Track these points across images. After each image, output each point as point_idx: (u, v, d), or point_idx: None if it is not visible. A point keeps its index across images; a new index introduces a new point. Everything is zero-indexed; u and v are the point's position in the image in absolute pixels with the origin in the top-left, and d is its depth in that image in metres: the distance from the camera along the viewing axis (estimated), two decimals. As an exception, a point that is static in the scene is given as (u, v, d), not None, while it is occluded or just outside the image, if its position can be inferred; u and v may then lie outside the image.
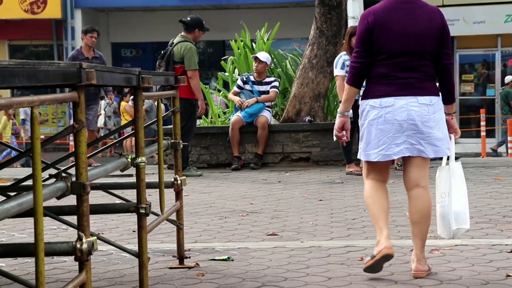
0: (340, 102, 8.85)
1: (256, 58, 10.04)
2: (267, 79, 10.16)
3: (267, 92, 10.08)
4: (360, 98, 4.35)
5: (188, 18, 9.41)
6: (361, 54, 4.18)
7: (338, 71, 9.02)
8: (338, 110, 4.42)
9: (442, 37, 4.11)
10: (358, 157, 4.44)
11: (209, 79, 23.06)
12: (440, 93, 4.16)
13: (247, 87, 10.18)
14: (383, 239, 4.05)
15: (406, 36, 4.06)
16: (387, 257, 4.01)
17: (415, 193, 4.28)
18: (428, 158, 4.23)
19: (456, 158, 11.04)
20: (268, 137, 9.98)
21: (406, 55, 4.08)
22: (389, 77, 4.13)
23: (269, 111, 10.20)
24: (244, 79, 10.21)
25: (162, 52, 9.36)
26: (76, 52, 11.28)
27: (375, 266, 4.04)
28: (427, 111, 4.08)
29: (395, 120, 4.13)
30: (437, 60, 4.12)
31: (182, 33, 9.40)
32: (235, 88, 10.34)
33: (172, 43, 9.32)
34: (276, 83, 10.20)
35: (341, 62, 8.97)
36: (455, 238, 4.39)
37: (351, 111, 8.88)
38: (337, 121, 4.38)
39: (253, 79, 10.16)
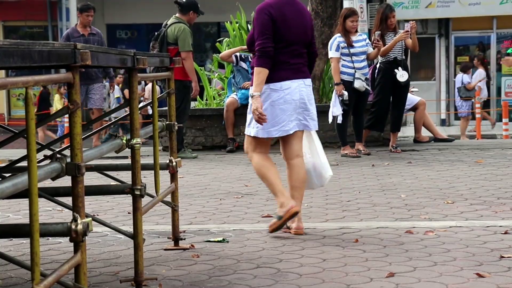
0: (336, 84, 8.94)
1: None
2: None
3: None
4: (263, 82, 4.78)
5: (184, 0, 9.37)
6: (270, 39, 4.77)
7: (333, 53, 8.99)
8: (252, 92, 4.75)
9: (312, 29, 5.03)
10: (250, 134, 4.89)
11: (204, 61, 22.98)
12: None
13: (244, 65, 10.10)
14: (286, 200, 4.69)
15: (299, 27, 4.87)
16: (295, 215, 4.66)
17: (296, 162, 4.91)
18: (309, 131, 4.99)
19: (451, 140, 11.02)
20: None
21: (298, 44, 4.86)
22: (286, 63, 4.82)
23: None
24: (243, 57, 10.13)
25: (156, 33, 9.33)
26: (71, 30, 10.95)
27: (281, 226, 4.71)
28: (310, 91, 4.97)
29: (292, 100, 4.83)
30: (309, 48, 4.98)
31: (177, 15, 9.36)
32: (233, 59, 10.21)
33: (166, 24, 9.29)
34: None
35: (336, 44, 8.95)
36: (324, 185, 5.21)
37: (346, 93, 8.96)
38: (256, 103, 4.70)
39: (251, 60, 10.13)
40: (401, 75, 9.21)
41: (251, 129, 4.89)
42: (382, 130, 9.70)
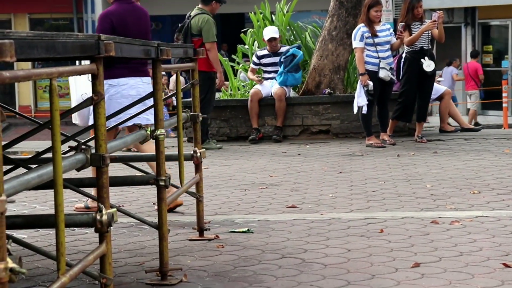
0: (360, 74, 8.91)
1: (272, 39, 10.00)
2: (282, 49, 10.12)
3: (284, 62, 10.02)
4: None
5: None
6: None
7: (357, 43, 8.95)
8: None
9: (150, 33, 5.81)
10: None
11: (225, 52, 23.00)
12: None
13: (265, 60, 10.15)
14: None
15: (138, 33, 5.47)
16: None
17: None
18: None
19: (478, 130, 10.97)
20: (286, 109, 9.96)
21: None
22: (124, 63, 5.47)
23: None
24: (259, 54, 10.19)
25: (179, 25, 9.34)
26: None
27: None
28: (148, 88, 5.50)
29: (129, 95, 5.43)
30: None
31: (200, 6, 9.37)
32: (252, 66, 10.35)
33: (190, 15, 9.30)
34: (295, 50, 10.16)
35: (360, 34, 8.91)
36: None
37: (371, 83, 8.91)
38: None
39: (267, 52, 10.13)
40: (428, 65, 9.14)
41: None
42: (410, 121, 9.64)
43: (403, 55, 9.69)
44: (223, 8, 9.77)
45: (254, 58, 10.27)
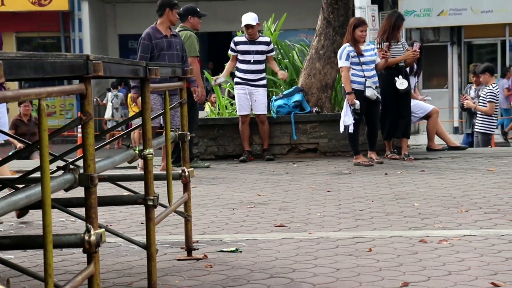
0: (347, 93, 8.94)
1: (248, 26, 9.83)
2: (261, 39, 9.96)
3: (263, 52, 9.92)
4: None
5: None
6: None
7: (343, 63, 9.00)
8: None
9: None
10: None
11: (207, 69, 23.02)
12: None
13: (241, 47, 9.96)
14: None
15: None
16: None
17: None
18: None
19: (464, 148, 10.99)
20: (269, 130, 9.92)
21: None
22: None
23: (266, 89, 10.05)
24: (235, 40, 10.05)
25: None
26: (151, 30, 8.92)
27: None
28: None
29: None
30: None
31: (181, 24, 9.46)
32: (231, 53, 10.14)
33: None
34: (272, 46, 10.09)
35: (346, 53, 8.96)
36: None
37: (358, 102, 8.94)
38: None
39: (245, 39, 9.97)
40: (401, 83, 9.25)
41: None
42: (397, 136, 9.72)
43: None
44: (210, 26, 9.84)
45: (232, 45, 10.11)
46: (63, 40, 24.01)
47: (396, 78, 9.23)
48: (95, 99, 21.41)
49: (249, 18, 9.84)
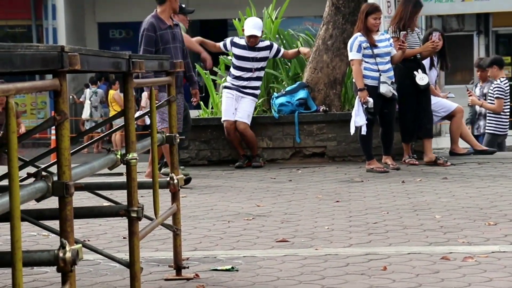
0: (359, 90, 8.95)
1: (252, 37, 9.87)
2: (261, 44, 9.99)
3: (264, 59, 9.96)
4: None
5: None
6: None
7: (354, 55, 9.01)
8: None
9: None
10: None
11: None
12: None
13: (238, 51, 9.97)
14: None
15: None
16: None
17: None
18: None
19: (493, 152, 11.05)
20: (253, 137, 9.88)
21: None
22: None
23: (254, 100, 10.04)
24: (234, 41, 10.05)
25: None
26: (154, 19, 8.63)
27: None
28: None
29: None
30: None
31: None
32: (220, 46, 10.18)
33: None
34: (276, 47, 10.10)
35: (357, 44, 8.97)
36: None
37: (372, 100, 8.97)
38: None
39: (244, 44, 9.97)
40: (421, 78, 9.27)
41: None
42: (415, 140, 9.74)
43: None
44: (203, 14, 9.85)
45: (228, 43, 10.11)
46: (35, 29, 24.04)
47: (415, 72, 9.25)
48: (71, 97, 21.44)
49: (254, 27, 9.88)
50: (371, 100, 8.82)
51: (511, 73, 21.94)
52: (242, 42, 10.01)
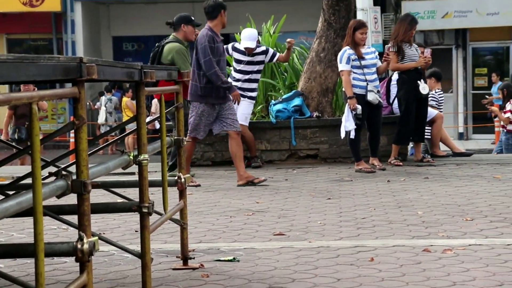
0: (348, 98, 8.95)
1: (247, 48, 9.78)
2: (258, 49, 9.86)
3: (260, 63, 9.91)
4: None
5: (174, 19, 9.28)
6: None
7: (343, 66, 9.01)
8: None
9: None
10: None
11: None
12: None
13: (237, 55, 9.93)
14: None
15: None
16: None
17: None
18: None
19: (470, 155, 11.00)
20: (251, 138, 9.84)
21: None
22: None
23: (251, 102, 9.99)
24: (235, 46, 9.96)
25: (152, 54, 9.20)
26: (211, 32, 8.32)
27: None
28: None
29: None
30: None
31: (173, 33, 9.21)
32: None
33: (162, 42, 9.16)
34: (272, 51, 10.03)
35: (346, 57, 8.97)
36: None
37: (360, 107, 8.96)
38: None
39: (243, 50, 9.88)
40: (423, 88, 9.35)
41: None
42: (408, 144, 9.83)
43: (393, 77, 9.80)
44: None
45: (229, 47, 10.03)
46: (55, 42, 24.03)
47: (418, 82, 9.33)
48: (88, 103, 21.42)
49: (249, 38, 9.75)
50: (359, 107, 8.83)
51: (486, 83, 21.93)
52: (241, 47, 9.94)
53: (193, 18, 9.28)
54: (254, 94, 9.97)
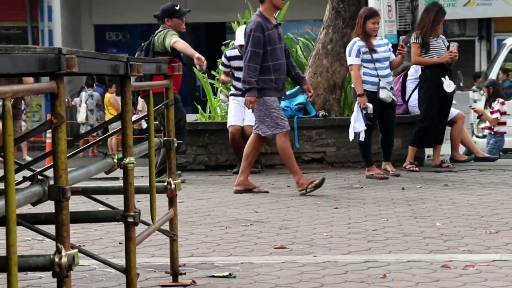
0: (358, 95, 8.96)
1: (242, 46, 9.81)
2: None
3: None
4: None
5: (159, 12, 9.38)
6: None
7: (353, 60, 9.00)
8: None
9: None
10: None
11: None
12: None
13: (235, 63, 9.95)
14: None
15: None
16: None
17: None
18: None
19: (494, 160, 11.01)
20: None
21: None
22: None
23: None
24: (228, 55, 10.02)
25: (143, 44, 9.32)
26: (261, 18, 8.03)
27: None
28: None
29: None
30: None
31: (162, 26, 9.32)
32: (223, 69, 10.15)
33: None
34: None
35: (356, 49, 8.96)
36: None
37: (371, 106, 8.97)
38: None
39: (238, 54, 9.89)
40: (448, 85, 9.37)
41: None
42: (428, 146, 9.87)
43: (410, 72, 9.82)
44: (201, 17, 9.80)
45: (224, 59, 10.08)
46: (30, 30, 24.00)
47: (443, 79, 9.32)
48: (66, 99, 21.40)
49: (242, 37, 9.74)
50: (370, 106, 8.82)
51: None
52: (235, 52, 9.90)
53: (177, 7, 9.30)
54: None
